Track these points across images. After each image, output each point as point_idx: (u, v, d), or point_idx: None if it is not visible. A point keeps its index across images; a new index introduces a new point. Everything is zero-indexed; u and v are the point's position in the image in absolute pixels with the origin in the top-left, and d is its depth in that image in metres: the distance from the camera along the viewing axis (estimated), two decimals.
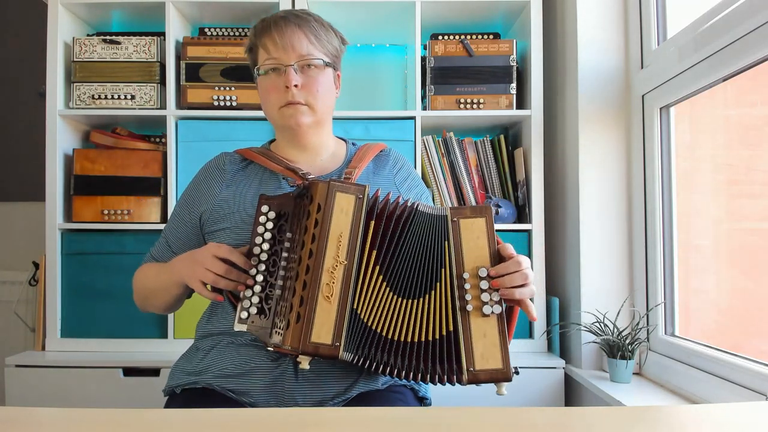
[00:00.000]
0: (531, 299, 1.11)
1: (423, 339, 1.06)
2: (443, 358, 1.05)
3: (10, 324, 2.28)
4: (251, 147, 1.35)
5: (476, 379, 1.04)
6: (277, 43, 1.21)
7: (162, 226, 1.91)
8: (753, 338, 1.44)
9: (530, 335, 1.92)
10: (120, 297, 1.91)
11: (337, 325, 1.02)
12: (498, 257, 1.08)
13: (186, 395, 1.19)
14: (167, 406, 1.22)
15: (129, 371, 1.81)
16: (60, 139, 1.94)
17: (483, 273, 1.07)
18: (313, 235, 1.05)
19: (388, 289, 1.07)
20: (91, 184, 1.94)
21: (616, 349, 1.62)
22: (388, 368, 1.06)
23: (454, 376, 1.05)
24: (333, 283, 1.03)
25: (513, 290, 1.06)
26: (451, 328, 1.06)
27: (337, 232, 1.05)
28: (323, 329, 1.01)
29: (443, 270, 1.08)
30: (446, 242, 1.08)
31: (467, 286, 1.06)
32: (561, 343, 1.89)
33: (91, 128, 2.07)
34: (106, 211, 1.94)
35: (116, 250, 1.93)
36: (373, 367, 1.05)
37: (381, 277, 1.06)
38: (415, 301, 1.07)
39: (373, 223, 1.08)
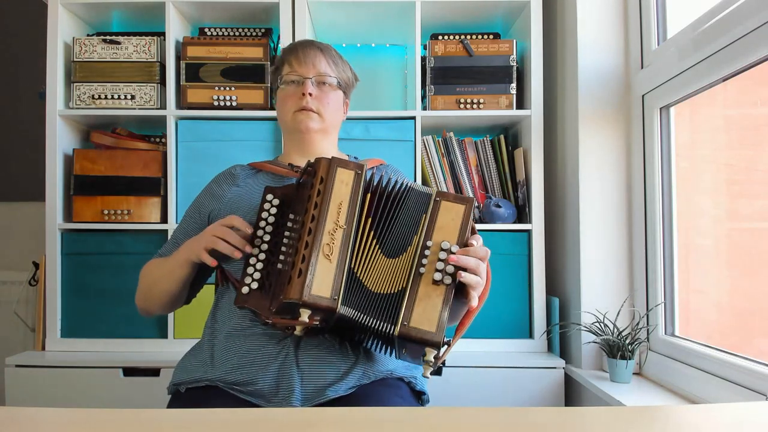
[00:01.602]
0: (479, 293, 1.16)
1: (384, 292, 1.13)
2: (388, 310, 1.12)
3: (10, 324, 2.28)
4: (264, 160, 1.45)
5: (407, 334, 1.08)
6: (300, 60, 1.37)
7: (162, 226, 1.93)
8: (753, 338, 1.44)
9: (530, 335, 1.92)
10: (120, 297, 1.91)
11: (336, 281, 1.09)
12: (464, 244, 1.16)
13: (190, 394, 1.22)
14: (171, 404, 1.25)
15: (129, 371, 1.81)
16: (60, 139, 1.94)
17: (445, 246, 1.14)
18: (316, 203, 1.13)
19: (379, 250, 1.15)
20: (91, 184, 1.94)
21: (616, 349, 1.62)
22: (362, 316, 1.10)
23: (389, 325, 1.10)
24: (333, 243, 1.11)
25: (461, 271, 1.11)
26: (404, 286, 1.12)
27: (337, 200, 1.14)
28: (323, 284, 1.08)
29: (415, 237, 1.16)
30: (424, 215, 1.17)
31: (427, 252, 1.14)
32: (561, 343, 1.89)
33: (91, 128, 2.07)
34: (106, 211, 1.94)
35: (116, 250, 1.93)
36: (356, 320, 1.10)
37: (375, 242, 1.15)
38: (392, 260, 1.16)
39: (369, 196, 1.17)
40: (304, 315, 1.06)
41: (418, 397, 1.31)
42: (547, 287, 1.93)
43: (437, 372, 1.79)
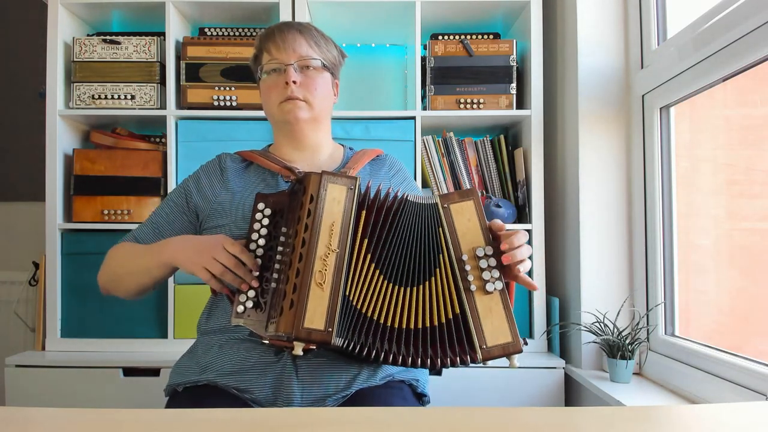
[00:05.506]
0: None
1: (428, 325, 1.08)
2: (453, 341, 1.07)
3: (10, 324, 2.28)
4: (252, 150, 1.37)
5: (490, 355, 1.06)
6: (279, 46, 1.27)
7: None
8: (753, 338, 1.44)
9: (530, 335, 1.92)
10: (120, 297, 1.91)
11: (330, 311, 1.04)
12: (490, 234, 1.12)
13: (188, 394, 1.20)
14: (169, 404, 1.23)
15: (129, 371, 1.81)
16: (60, 139, 1.94)
17: (480, 253, 1.10)
18: (306, 225, 1.07)
19: (382, 277, 1.09)
20: (91, 184, 1.94)
21: (616, 349, 1.62)
22: (391, 356, 1.07)
23: (468, 356, 1.06)
24: (325, 270, 1.05)
25: (519, 265, 1.09)
26: (458, 311, 1.08)
27: (329, 221, 1.08)
28: (316, 315, 1.03)
29: (441, 255, 1.10)
30: (440, 229, 1.11)
31: (468, 267, 1.09)
32: (561, 343, 1.89)
33: (91, 128, 2.07)
34: (106, 211, 1.94)
35: None
36: (373, 355, 1.06)
37: (373, 266, 1.09)
38: (415, 288, 1.10)
39: (364, 213, 1.10)
40: (298, 348, 1.02)
41: (419, 399, 1.29)
42: (547, 287, 1.93)
43: (437, 372, 1.79)
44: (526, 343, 1.08)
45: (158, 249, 1.22)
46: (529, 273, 1.86)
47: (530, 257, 1.13)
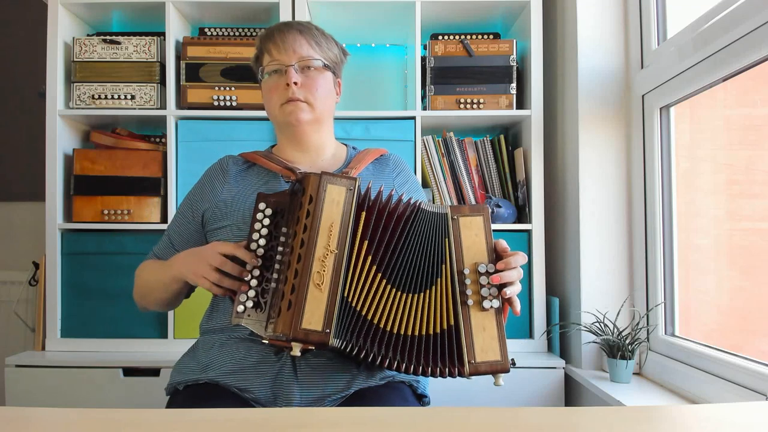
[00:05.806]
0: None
1: (423, 333, 1.09)
2: (444, 352, 1.08)
3: (10, 324, 2.28)
4: (255, 150, 1.38)
5: (477, 371, 1.07)
6: (279, 46, 1.27)
7: (162, 226, 1.92)
8: (753, 338, 1.44)
9: (530, 335, 1.92)
10: (120, 297, 1.91)
11: (328, 312, 1.04)
12: (495, 253, 1.13)
13: (189, 392, 1.21)
14: (170, 403, 1.24)
15: (129, 371, 1.81)
16: (60, 139, 1.94)
17: (482, 269, 1.11)
18: (305, 226, 1.08)
19: (385, 281, 1.09)
20: (91, 184, 1.94)
21: (616, 349, 1.62)
22: (387, 361, 1.08)
23: (456, 369, 1.08)
24: (324, 271, 1.06)
25: (507, 287, 1.10)
26: (452, 323, 1.09)
27: (328, 222, 1.08)
28: (314, 316, 1.04)
29: (443, 266, 1.11)
30: (447, 239, 1.12)
31: (467, 281, 1.10)
32: (561, 343, 1.89)
33: (91, 128, 2.07)
34: (106, 211, 1.94)
35: (116, 250, 1.93)
36: (370, 358, 1.07)
37: (375, 268, 1.09)
38: (416, 295, 1.10)
39: (364, 214, 1.10)
40: (296, 348, 1.03)
41: (420, 400, 1.29)
42: (547, 287, 1.92)
43: None
44: (514, 364, 1.09)
45: (168, 265, 1.25)
46: (529, 272, 1.90)
47: (523, 279, 1.14)
